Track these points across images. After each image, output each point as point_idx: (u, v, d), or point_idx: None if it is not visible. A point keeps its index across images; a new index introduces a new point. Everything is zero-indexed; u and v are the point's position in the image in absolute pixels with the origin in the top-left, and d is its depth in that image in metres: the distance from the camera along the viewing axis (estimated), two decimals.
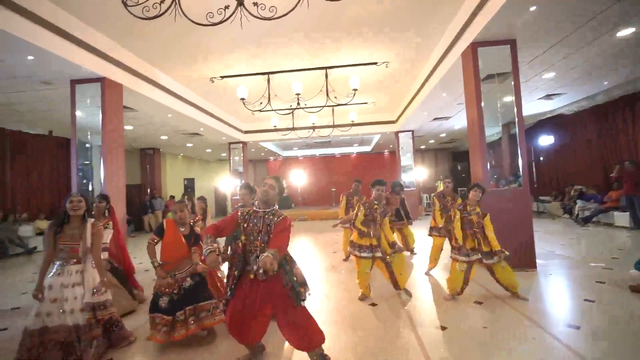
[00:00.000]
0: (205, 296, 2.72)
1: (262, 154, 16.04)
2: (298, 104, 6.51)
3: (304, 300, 2.15)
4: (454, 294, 3.34)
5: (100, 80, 5.05)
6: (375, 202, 3.50)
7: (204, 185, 15.61)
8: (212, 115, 9.12)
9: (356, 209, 3.54)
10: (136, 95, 6.01)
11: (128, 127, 8.74)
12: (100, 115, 5.06)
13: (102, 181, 5.08)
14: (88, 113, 5.12)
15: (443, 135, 12.64)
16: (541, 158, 11.29)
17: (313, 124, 8.96)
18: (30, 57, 4.27)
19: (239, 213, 2.28)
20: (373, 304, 3.35)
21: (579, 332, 2.54)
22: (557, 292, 3.58)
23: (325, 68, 6.74)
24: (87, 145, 5.15)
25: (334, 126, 9.45)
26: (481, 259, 3.27)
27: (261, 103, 6.84)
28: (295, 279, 2.17)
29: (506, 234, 4.31)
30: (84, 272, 2.49)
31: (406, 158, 11.51)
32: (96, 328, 2.47)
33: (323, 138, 11.14)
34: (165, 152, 13.08)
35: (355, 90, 5.95)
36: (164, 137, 10.40)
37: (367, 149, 16.32)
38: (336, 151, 16.99)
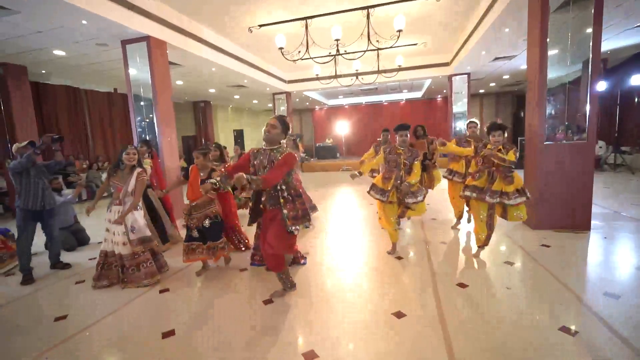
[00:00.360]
0: (216, 236, 3.17)
1: (307, 103, 15.91)
2: (337, 51, 6.17)
3: (292, 230, 2.41)
4: (480, 245, 3.27)
5: (146, 39, 5.29)
6: (400, 147, 3.37)
7: (254, 136, 16.26)
8: (254, 67, 9.12)
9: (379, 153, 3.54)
10: (180, 51, 6.22)
11: (179, 82, 9.23)
12: (149, 72, 5.41)
13: (157, 133, 5.58)
14: (140, 71, 5.49)
15: (506, 77, 11.12)
16: (636, 100, 9.42)
17: (356, 70, 8.53)
18: (84, 22, 4.59)
19: (251, 152, 2.54)
20: (399, 257, 3.47)
21: (617, 302, 2.38)
22: (604, 257, 3.28)
23: (367, 7, 6.14)
24: (142, 103, 5.61)
25: (378, 72, 8.84)
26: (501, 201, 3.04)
27: (299, 52, 6.62)
28: (285, 211, 2.40)
29: (560, 191, 3.95)
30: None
31: (461, 104, 10.53)
32: (140, 256, 3.04)
33: (368, 85, 10.57)
34: (216, 104, 13.68)
35: (399, 31, 5.42)
36: (212, 91, 10.81)
37: (418, 95, 15.17)
38: (384, 98, 16.10)
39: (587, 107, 3.84)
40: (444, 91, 13.61)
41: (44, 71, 7.27)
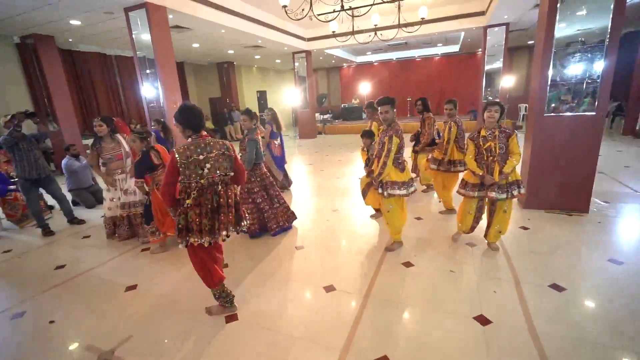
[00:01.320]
0: (147, 220, 3.30)
1: (333, 61, 15.22)
2: (342, 6, 5.77)
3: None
4: (462, 232, 3.07)
5: (144, 5, 5.36)
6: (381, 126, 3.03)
7: (275, 98, 16.09)
8: (268, 26, 8.82)
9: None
10: (184, 15, 6.21)
11: (195, 45, 9.32)
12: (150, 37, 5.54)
13: (161, 97, 5.84)
14: (143, 36, 5.64)
15: None
16: None
17: (375, 25, 7.89)
18: None
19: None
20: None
21: (560, 295, 2.26)
22: (578, 246, 2.97)
23: None
24: (147, 70, 5.86)
25: (399, 26, 8.08)
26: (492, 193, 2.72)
27: (303, 10, 6.25)
28: None
29: (557, 168, 3.59)
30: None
31: (497, 62, 9.39)
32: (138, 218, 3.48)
33: (390, 41, 9.77)
34: (239, 64, 13.66)
35: None
36: (230, 52, 10.77)
37: (454, 48, 13.68)
38: (416, 53, 14.80)
39: (599, 73, 3.27)
40: (492, 46, 12.07)
41: (70, 40, 7.77)
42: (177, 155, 1.92)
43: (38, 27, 6.49)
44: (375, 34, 8.38)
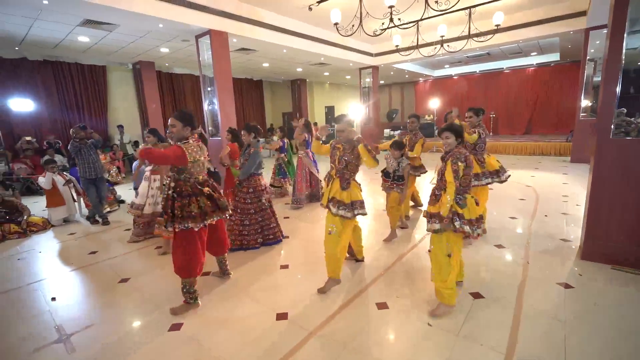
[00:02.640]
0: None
1: (406, 76, 14.62)
2: (391, 20, 5.57)
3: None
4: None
5: (208, 32, 6.13)
6: (340, 142, 2.63)
7: (343, 110, 16.24)
8: (328, 43, 9.05)
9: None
10: (245, 38, 6.87)
11: (265, 65, 10.19)
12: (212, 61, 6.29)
13: (218, 111, 6.50)
14: (208, 58, 6.43)
15: None
16: None
17: (441, 37, 7.37)
18: (160, 25, 5.72)
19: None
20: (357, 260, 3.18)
21: None
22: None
23: None
24: (208, 88, 6.63)
25: (469, 36, 7.34)
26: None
27: (353, 26, 6.21)
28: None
29: (631, 209, 2.66)
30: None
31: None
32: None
33: (456, 53, 8.92)
34: (311, 81, 14.34)
35: None
36: (299, 69, 11.40)
37: (554, 57, 11.59)
38: (504, 65, 13.07)
39: None
40: (591, 50, 9.95)
41: (167, 64, 9.42)
42: (187, 155, 2.29)
43: (141, 55, 8.07)
44: (442, 46, 7.76)
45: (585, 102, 7.89)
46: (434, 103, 14.12)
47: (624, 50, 2.58)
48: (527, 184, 5.95)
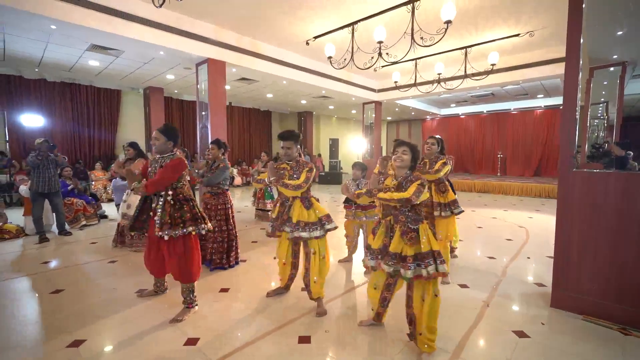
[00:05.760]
0: None
1: (412, 113, 14.75)
2: (380, 54, 5.69)
3: (161, 235, 2.32)
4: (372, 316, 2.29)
5: (206, 61, 6.48)
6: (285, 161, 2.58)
7: (349, 145, 16.31)
8: (329, 77, 9.34)
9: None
10: (244, 68, 7.19)
11: (269, 95, 10.57)
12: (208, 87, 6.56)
13: (209, 137, 6.64)
14: (205, 86, 6.73)
15: None
16: None
17: (438, 75, 7.49)
18: (161, 52, 6.11)
19: (148, 162, 2.64)
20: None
21: None
22: None
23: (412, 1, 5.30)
24: (203, 112, 6.86)
25: (465, 76, 7.39)
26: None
27: (345, 59, 6.40)
28: (156, 218, 2.37)
29: (600, 251, 2.39)
30: None
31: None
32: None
33: (452, 91, 9.00)
34: (317, 114, 14.70)
35: (448, 22, 4.59)
36: (303, 102, 11.74)
37: (562, 100, 11.42)
38: (512, 106, 12.99)
39: None
40: (603, 92, 9.74)
41: (176, 90, 9.94)
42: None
43: (150, 81, 8.58)
44: (439, 83, 7.84)
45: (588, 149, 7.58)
46: (447, 141, 14.04)
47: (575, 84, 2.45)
48: (520, 225, 5.57)
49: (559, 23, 6.04)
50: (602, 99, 7.54)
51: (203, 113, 6.84)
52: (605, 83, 7.23)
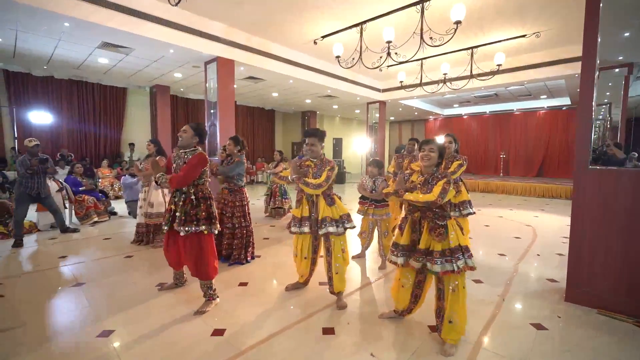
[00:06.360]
0: None
1: (415, 113, 14.80)
2: (388, 54, 5.74)
3: (180, 230, 2.38)
4: (398, 311, 2.34)
5: (215, 59, 6.52)
6: (310, 158, 2.61)
7: (352, 145, 16.34)
8: (336, 77, 9.38)
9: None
10: (253, 67, 7.24)
11: (274, 94, 10.62)
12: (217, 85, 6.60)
13: (218, 135, 6.69)
14: (214, 84, 6.76)
15: None
16: None
17: (444, 75, 7.54)
18: (171, 50, 6.15)
19: (172, 156, 2.67)
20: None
21: None
22: None
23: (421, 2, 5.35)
24: (212, 110, 6.91)
25: (471, 76, 7.44)
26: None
27: (353, 59, 6.45)
28: (178, 213, 2.43)
29: (614, 247, 2.44)
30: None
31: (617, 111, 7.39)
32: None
33: (458, 91, 9.06)
34: (321, 114, 14.75)
35: (457, 23, 4.67)
36: (308, 101, 11.79)
37: (565, 101, 11.52)
38: (515, 106, 13.06)
39: None
40: (607, 93, 9.80)
41: (182, 89, 9.98)
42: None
43: (157, 79, 8.62)
44: (445, 83, 7.89)
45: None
46: (441, 140, 14.11)
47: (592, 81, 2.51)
48: (527, 224, 5.63)
49: (565, 24, 6.08)
50: (606, 100, 7.64)
51: (212, 111, 6.89)
52: (610, 84, 7.32)
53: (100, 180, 8.20)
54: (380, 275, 3.24)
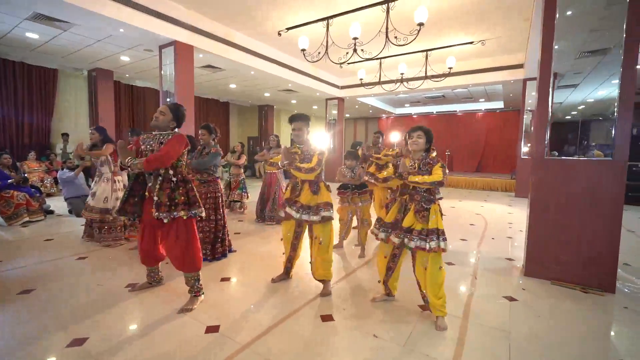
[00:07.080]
0: None
1: (370, 111, 15.40)
2: (355, 50, 5.82)
3: (159, 217, 2.16)
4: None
5: (173, 43, 6.02)
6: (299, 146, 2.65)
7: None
8: (297, 71, 9.31)
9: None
10: (213, 55, 6.84)
11: (232, 86, 10.18)
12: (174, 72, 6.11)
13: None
14: (170, 71, 6.24)
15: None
16: None
17: (401, 75, 7.87)
18: (121, 30, 5.51)
19: (140, 139, 2.41)
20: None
21: None
22: (588, 341, 2.11)
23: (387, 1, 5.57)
24: (168, 99, 6.38)
25: (425, 77, 7.92)
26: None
27: (319, 53, 6.46)
28: (156, 198, 2.19)
29: (570, 228, 2.79)
30: None
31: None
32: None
33: (413, 91, 9.63)
34: (279, 108, 14.54)
35: (420, 25, 4.86)
36: (267, 94, 11.53)
37: (499, 104, 12.93)
38: (458, 108, 14.29)
39: (616, 105, 2.60)
40: (529, 101, 11.24)
41: (127, 75, 9.04)
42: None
43: (99, 62, 7.67)
44: (402, 83, 8.29)
45: (524, 147, 8.70)
46: (395, 137, 14.87)
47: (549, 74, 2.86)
48: (476, 212, 6.23)
49: (506, 34, 6.84)
50: (530, 109, 8.77)
51: (168, 100, 6.36)
52: (533, 94, 8.41)
53: (26, 174, 7.07)
54: (362, 262, 3.32)
